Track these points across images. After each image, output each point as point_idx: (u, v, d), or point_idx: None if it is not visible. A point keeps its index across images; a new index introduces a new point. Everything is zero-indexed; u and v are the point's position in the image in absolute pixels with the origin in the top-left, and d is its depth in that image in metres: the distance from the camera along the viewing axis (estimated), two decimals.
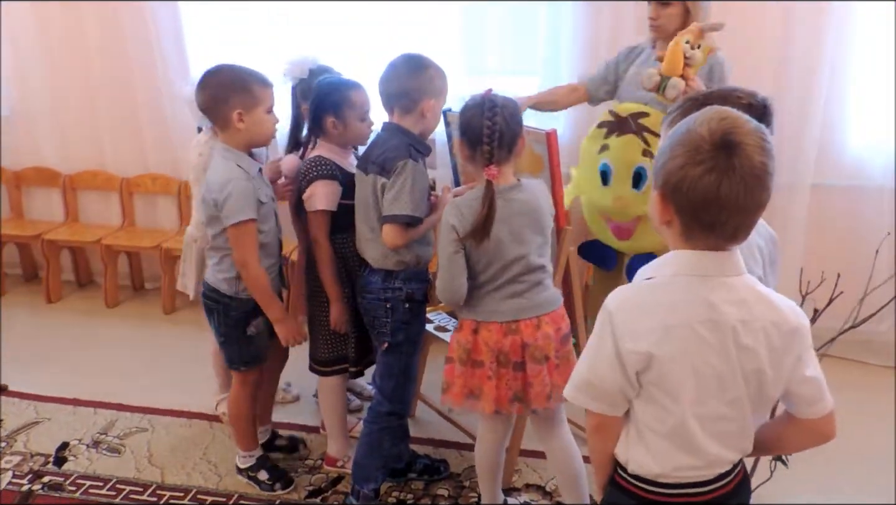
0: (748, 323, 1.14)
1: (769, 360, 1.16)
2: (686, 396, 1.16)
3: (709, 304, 1.13)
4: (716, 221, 1.10)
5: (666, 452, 1.21)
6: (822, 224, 3.08)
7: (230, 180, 1.98)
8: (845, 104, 2.96)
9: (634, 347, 1.15)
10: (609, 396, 1.21)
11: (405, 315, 2.09)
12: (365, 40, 3.24)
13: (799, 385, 1.20)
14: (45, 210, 3.96)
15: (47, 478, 2.44)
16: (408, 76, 2.00)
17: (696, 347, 1.14)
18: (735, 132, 1.08)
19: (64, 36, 3.58)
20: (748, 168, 1.07)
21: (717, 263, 1.15)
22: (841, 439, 2.63)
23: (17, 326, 3.54)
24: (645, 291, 1.19)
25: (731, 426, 1.20)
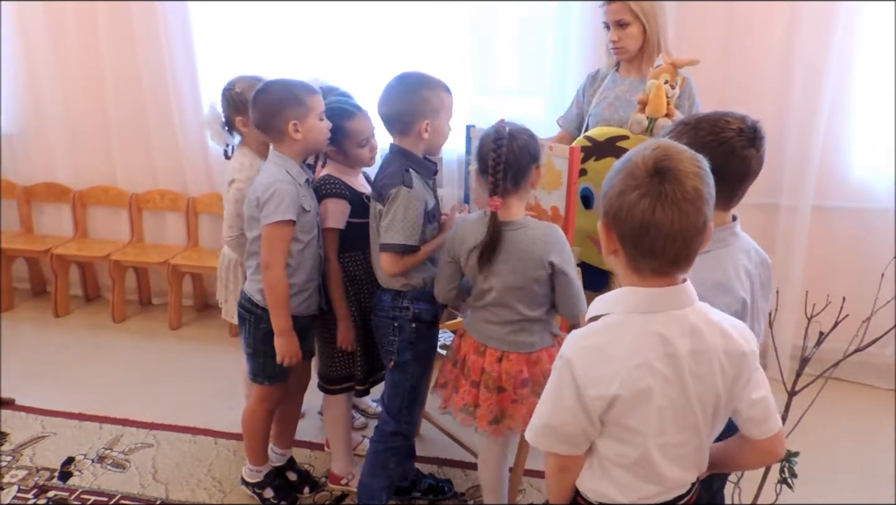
0: (701, 352, 1.17)
1: (723, 385, 1.19)
2: (649, 431, 1.18)
3: (663, 339, 1.15)
4: (654, 247, 1.12)
5: (631, 484, 1.23)
6: (825, 246, 3.08)
7: (276, 181, 2.01)
8: (848, 126, 2.98)
9: (598, 392, 1.15)
10: (572, 438, 1.22)
11: (411, 335, 2.09)
12: (373, 58, 3.28)
13: (748, 407, 1.23)
14: (55, 225, 4.00)
15: (52, 493, 2.45)
16: (399, 99, 2.00)
17: (656, 383, 1.16)
18: (667, 159, 1.11)
19: (77, 54, 3.63)
20: (680, 193, 1.09)
21: (668, 297, 1.17)
22: (846, 461, 2.65)
23: (25, 340, 3.56)
24: (601, 335, 1.19)
25: (689, 449, 1.24)
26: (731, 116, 1.46)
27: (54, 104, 3.73)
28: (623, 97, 2.46)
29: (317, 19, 3.31)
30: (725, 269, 1.46)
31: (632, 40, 2.39)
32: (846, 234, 3.08)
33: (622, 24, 2.38)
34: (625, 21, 2.37)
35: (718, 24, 2.95)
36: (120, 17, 3.50)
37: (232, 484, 2.48)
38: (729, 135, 1.42)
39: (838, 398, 2.75)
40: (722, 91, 2.97)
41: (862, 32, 2.85)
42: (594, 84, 2.60)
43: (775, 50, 2.93)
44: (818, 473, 2.39)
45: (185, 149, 3.63)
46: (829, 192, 3.04)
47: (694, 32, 2.96)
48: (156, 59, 3.50)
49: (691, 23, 2.96)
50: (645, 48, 2.41)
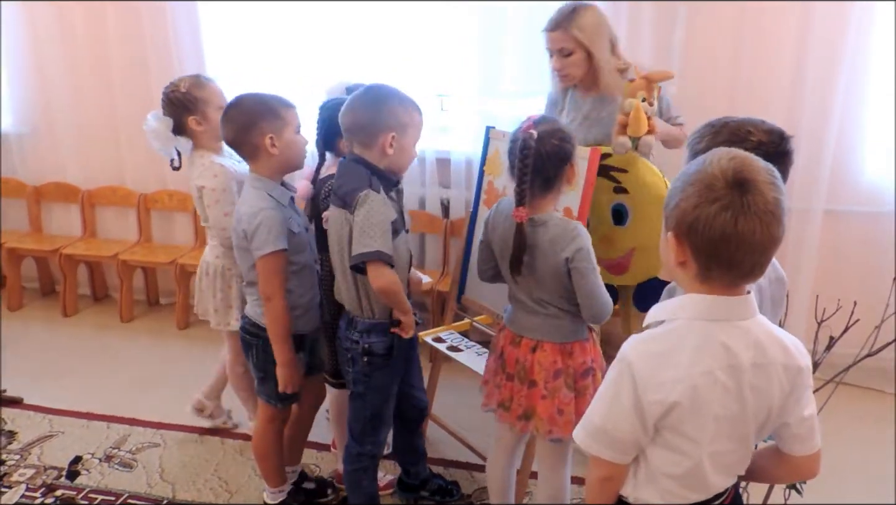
0: (763, 366, 1.16)
1: (778, 399, 1.19)
2: (704, 440, 1.17)
3: (727, 349, 1.14)
4: (733, 260, 1.10)
5: (676, 492, 1.23)
6: (837, 250, 3.07)
7: (260, 210, 1.93)
8: (860, 129, 2.96)
9: (657, 397, 1.13)
10: (623, 444, 1.20)
11: (364, 368, 2.00)
12: (380, 59, 3.27)
13: (798, 424, 1.22)
14: (64, 225, 4.01)
15: (60, 491, 2.46)
16: (365, 108, 1.88)
17: (717, 393, 1.15)
18: (746, 169, 1.09)
19: (86, 55, 3.65)
20: (762, 204, 1.08)
21: (733, 307, 1.16)
22: (856, 467, 2.62)
23: (34, 340, 3.58)
24: (664, 340, 1.17)
25: (736, 458, 1.24)
26: (756, 127, 1.44)
27: (63, 105, 3.75)
28: (591, 116, 2.45)
29: (324, 20, 3.31)
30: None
31: (576, 67, 2.37)
32: (857, 238, 3.06)
33: (565, 52, 2.35)
34: (567, 49, 2.34)
35: (729, 25, 2.94)
36: (129, 17, 3.51)
37: (238, 484, 2.48)
38: (746, 146, 1.38)
39: (848, 403, 2.72)
40: (732, 93, 2.95)
41: (875, 34, 2.83)
42: (556, 106, 2.57)
43: (787, 52, 2.91)
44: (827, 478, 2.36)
45: None
46: (841, 195, 3.02)
47: (704, 34, 2.95)
48: (165, 59, 3.51)
49: (702, 24, 2.95)
50: (590, 72, 2.38)
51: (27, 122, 3.87)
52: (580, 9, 2.34)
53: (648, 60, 2.94)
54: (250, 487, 2.48)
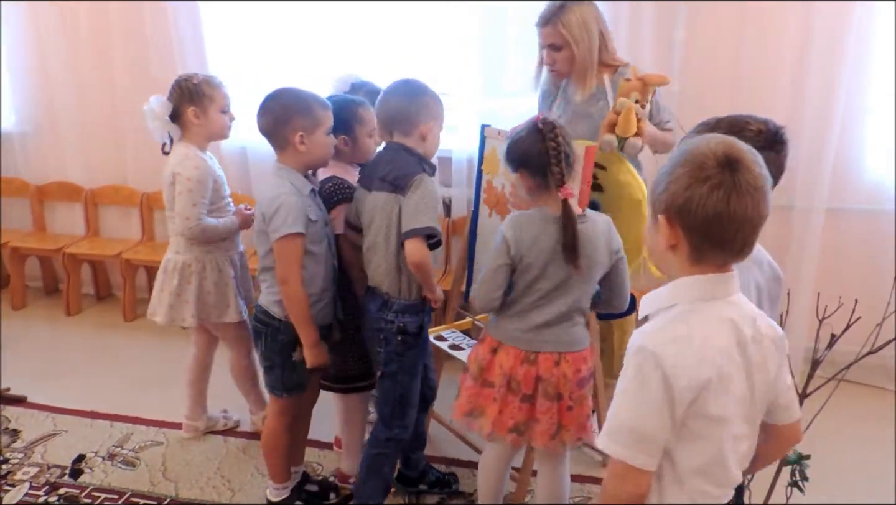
0: (758, 340, 1.18)
1: (773, 373, 1.21)
2: (727, 421, 1.16)
3: (735, 325, 1.16)
4: (725, 238, 1.12)
5: (702, 491, 1.20)
6: (839, 248, 3.07)
7: (280, 194, 1.98)
8: (862, 127, 2.96)
9: (688, 382, 1.11)
10: (654, 445, 1.15)
11: (398, 347, 2.07)
12: (382, 58, 3.28)
13: (784, 393, 1.25)
14: (67, 224, 4.02)
15: (63, 490, 2.46)
16: (406, 99, 2.02)
17: (735, 370, 1.15)
18: (734, 149, 1.12)
19: (89, 54, 3.66)
20: (752, 181, 1.10)
21: (724, 283, 1.17)
22: (858, 465, 2.62)
23: (37, 339, 3.59)
24: (675, 325, 1.16)
25: (747, 445, 1.23)
26: (753, 119, 1.45)
27: (66, 104, 3.76)
28: (581, 111, 2.45)
29: (325, 20, 3.32)
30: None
31: (565, 62, 2.40)
32: (859, 236, 3.05)
33: (555, 47, 2.38)
34: (557, 44, 2.37)
35: (730, 24, 2.94)
36: (131, 17, 3.52)
37: (241, 483, 2.49)
38: (746, 135, 1.40)
39: (850, 401, 2.72)
40: (734, 92, 2.95)
41: (875, 33, 2.83)
42: (548, 99, 2.60)
43: (788, 51, 2.91)
44: (829, 476, 2.37)
45: None
46: (843, 194, 3.02)
47: (705, 33, 2.95)
48: (167, 59, 3.51)
49: (702, 23, 2.94)
50: (577, 68, 2.40)
51: (30, 121, 3.88)
52: (569, 5, 2.36)
53: (649, 60, 2.94)
54: (253, 485, 2.49)
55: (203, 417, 2.77)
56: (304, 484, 2.41)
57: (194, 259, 2.47)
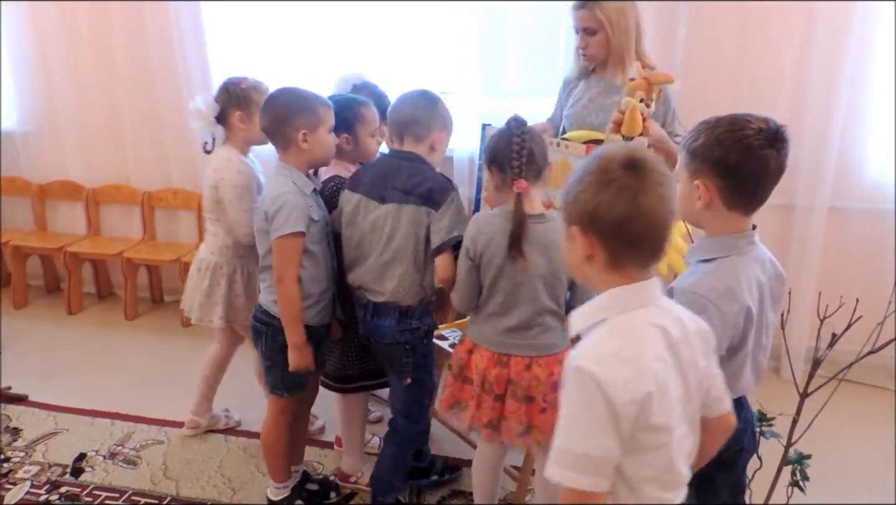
0: (685, 338, 1.19)
1: (703, 366, 1.22)
2: (673, 424, 1.16)
3: (663, 330, 1.16)
4: (637, 239, 1.14)
5: (657, 497, 1.19)
6: (840, 247, 3.06)
7: (284, 192, 1.99)
8: (865, 126, 2.95)
9: (630, 396, 1.09)
10: (607, 466, 1.12)
11: (424, 349, 2.10)
12: (382, 58, 3.27)
13: (714, 386, 1.25)
14: (69, 223, 4.03)
15: (64, 488, 2.47)
16: (422, 106, 2.04)
17: (670, 374, 1.15)
18: (636, 152, 1.15)
19: (90, 53, 3.65)
20: (656, 179, 1.12)
21: (649, 290, 1.18)
22: (858, 464, 2.61)
23: (39, 337, 3.59)
24: (611, 339, 1.15)
25: (690, 442, 1.23)
26: (754, 118, 1.43)
27: (68, 103, 3.76)
28: (596, 100, 2.44)
29: (326, 19, 3.32)
30: (738, 276, 1.45)
31: (599, 47, 2.38)
32: (861, 235, 3.05)
33: (590, 31, 2.36)
34: (592, 28, 2.35)
35: (733, 23, 2.93)
36: (133, 16, 3.52)
37: (241, 482, 2.49)
38: (747, 133, 1.40)
39: (851, 400, 2.71)
40: (736, 92, 2.94)
41: (878, 32, 2.82)
42: (568, 86, 2.59)
43: (790, 49, 2.91)
44: (830, 476, 2.36)
45: (197, 147, 3.60)
46: (845, 193, 3.01)
47: (707, 32, 2.95)
48: (168, 58, 3.52)
49: (705, 22, 2.94)
50: (611, 55, 2.39)
51: (32, 120, 3.88)
52: None
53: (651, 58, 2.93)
54: (253, 484, 2.49)
55: (207, 414, 2.77)
56: (304, 483, 2.41)
57: (226, 262, 2.46)
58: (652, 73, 2.15)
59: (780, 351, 3.10)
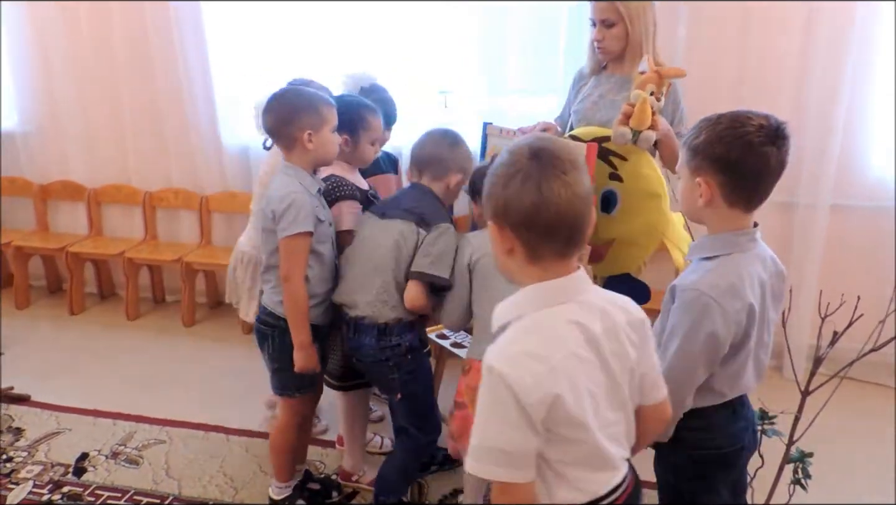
0: (612, 329, 1.19)
1: (634, 355, 1.22)
2: (590, 419, 1.16)
3: (581, 326, 1.16)
4: (549, 228, 1.14)
5: (587, 478, 1.21)
6: (842, 245, 3.05)
7: (291, 192, 1.98)
8: (867, 123, 2.95)
9: (538, 397, 1.10)
10: (526, 459, 1.14)
11: (410, 365, 2.07)
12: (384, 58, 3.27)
13: (649, 373, 1.27)
14: (70, 223, 4.03)
15: (67, 488, 2.47)
16: (444, 146, 2.09)
17: (585, 371, 1.16)
18: (542, 142, 1.17)
19: (91, 54, 3.65)
20: (560, 166, 1.13)
21: (571, 285, 1.19)
22: (862, 462, 2.61)
23: (41, 338, 3.60)
24: (520, 339, 1.16)
25: (621, 427, 1.25)
26: (754, 115, 1.42)
27: (69, 103, 3.76)
28: (607, 97, 2.44)
29: (326, 18, 3.32)
30: (740, 273, 1.45)
31: (616, 40, 2.36)
32: (863, 232, 3.04)
33: (607, 24, 2.34)
34: (610, 20, 2.33)
35: (734, 20, 2.92)
36: (133, 16, 3.52)
37: (244, 481, 2.50)
38: (748, 129, 1.39)
39: (853, 398, 2.72)
40: (738, 89, 2.94)
41: (879, 30, 2.81)
42: (579, 82, 2.58)
43: (792, 47, 2.90)
44: (832, 474, 2.36)
45: (198, 147, 3.65)
46: (847, 190, 3.01)
47: (708, 30, 2.94)
48: (169, 58, 3.52)
49: (706, 21, 2.93)
50: (628, 49, 2.38)
51: (33, 120, 3.88)
52: None
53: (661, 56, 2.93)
54: (255, 483, 2.49)
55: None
56: (306, 482, 2.41)
57: None
58: (663, 67, 2.15)
59: (782, 349, 3.10)
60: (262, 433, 2.74)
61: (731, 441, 1.59)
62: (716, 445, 1.57)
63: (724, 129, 1.41)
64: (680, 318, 1.45)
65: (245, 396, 2.96)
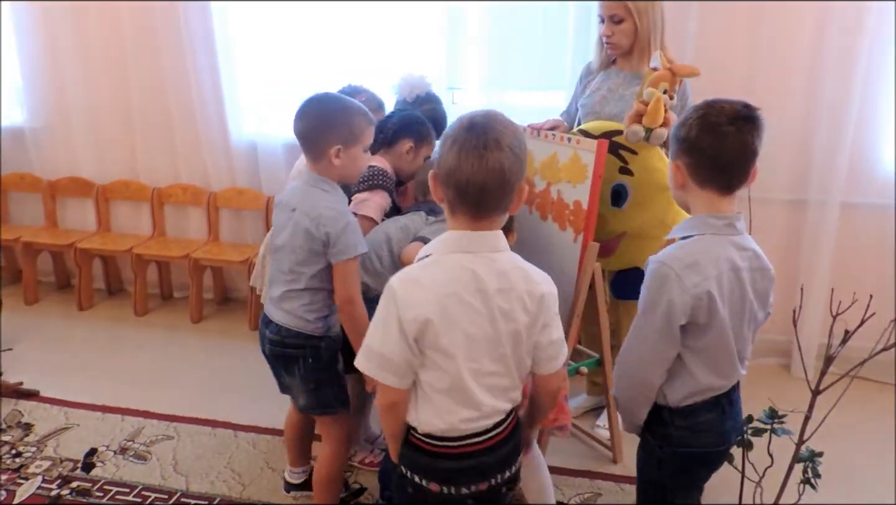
0: (507, 291, 1.35)
1: (525, 322, 1.37)
2: (459, 355, 1.35)
3: (475, 275, 1.33)
4: (460, 189, 1.31)
5: (449, 408, 1.38)
6: (853, 243, 3.03)
7: (343, 213, 1.89)
8: (878, 120, 2.92)
9: (413, 315, 1.32)
10: (399, 367, 1.36)
11: None
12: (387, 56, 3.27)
13: (547, 346, 1.42)
14: (79, 219, 4.04)
15: (76, 483, 2.48)
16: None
17: (466, 313, 1.34)
18: (483, 117, 1.32)
19: (100, 50, 3.66)
20: (482, 142, 1.28)
21: (481, 240, 1.35)
22: (872, 462, 2.59)
23: (50, 333, 3.61)
24: (422, 269, 1.38)
25: (502, 381, 1.41)
26: (728, 101, 1.49)
27: (77, 100, 3.77)
28: (616, 91, 2.44)
29: (335, 15, 3.31)
30: (707, 252, 1.48)
31: (624, 36, 2.38)
32: (874, 230, 3.02)
33: (616, 20, 2.37)
34: (619, 17, 2.36)
35: (744, 18, 2.89)
36: (142, 13, 3.52)
37: (251, 477, 2.50)
38: (710, 112, 1.48)
39: (864, 397, 2.70)
40: (749, 84, 2.91)
41: (892, 28, 2.78)
42: (586, 77, 2.59)
43: (804, 43, 2.87)
44: (842, 474, 2.35)
45: (206, 144, 3.65)
46: (858, 188, 2.98)
47: (719, 26, 2.91)
48: (177, 54, 3.52)
49: (716, 17, 2.90)
50: (636, 45, 2.39)
51: (42, 117, 3.89)
52: None
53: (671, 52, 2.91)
54: (263, 479, 2.49)
55: None
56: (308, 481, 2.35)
57: None
58: (677, 64, 2.14)
59: (792, 347, 3.09)
60: (270, 429, 2.75)
61: (718, 441, 1.62)
62: (703, 443, 1.60)
63: (690, 113, 1.52)
64: (644, 288, 1.54)
65: (252, 392, 2.96)
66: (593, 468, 2.53)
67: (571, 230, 2.28)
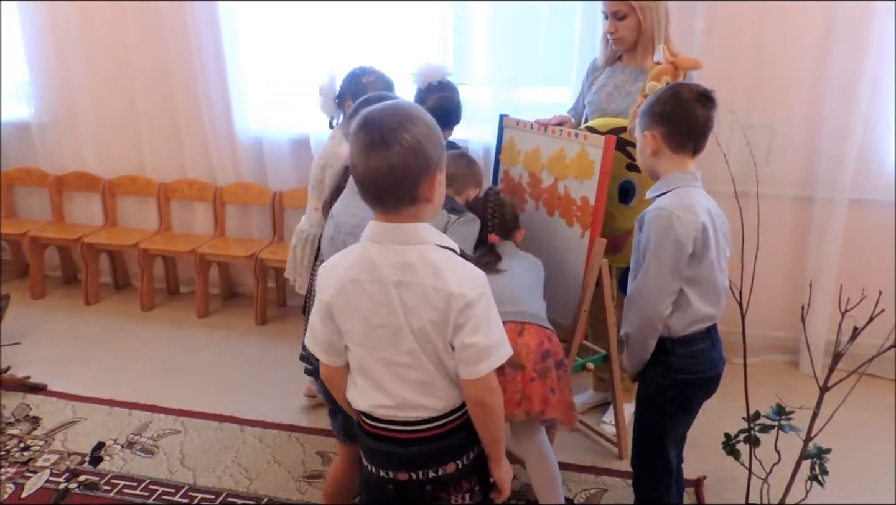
0: (409, 285, 1.33)
1: (431, 319, 1.33)
2: (360, 341, 1.39)
3: (375, 265, 1.34)
4: (360, 183, 1.33)
5: (365, 390, 1.43)
6: (861, 240, 3.02)
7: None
8: (885, 117, 2.90)
9: (322, 297, 1.40)
10: (321, 344, 1.44)
11: None
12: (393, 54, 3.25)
13: (461, 349, 1.35)
14: (86, 214, 4.05)
15: (83, 477, 2.49)
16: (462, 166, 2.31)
17: (365, 300, 1.36)
18: (377, 112, 1.31)
19: (106, 45, 3.67)
20: (372, 140, 1.28)
21: (390, 232, 1.35)
22: (880, 459, 2.58)
23: (57, 327, 3.63)
24: (341, 255, 1.43)
25: (416, 374, 1.38)
26: (693, 84, 1.84)
27: (85, 95, 3.78)
28: (622, 87, 2.45)
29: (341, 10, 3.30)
30: (692, 198, 1.75)
31: (628, 32, 2.40)
32: (882, 227, 3.00)
33: (619, 16, 2.38)
34: (622, 13, 2.37)
35: (751, 15, 2.87)
36: (148, 8, 3.53)
37: (258, 471, 2.51)
38: (680, 90, 1.78)
39: (872, 394, 2.69)
40: (755, 80, 2.90)
41: None
42: (592, 73, 2.60)
43: (811, 40, 2.85)
44: (848, 470, 2.34)
45: (213, 139, 3.66)
46: (866, 185, 2.97)
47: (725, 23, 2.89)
48: (184, 49, 3.52)
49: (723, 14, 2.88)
50: (640, 40, 2.40)
51: (49, 112, 3.90)
52: None
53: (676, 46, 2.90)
54: (269, 474, 2.50)
55: None
56: None
57: None
58: (680, 58, 2.13)
59: (800, 344, 3.08)
60: (276, 424, 2.75)
61: (710, 367, 1.86)
62: (699, 369, 1.84)
63: (662, 92, 1.79)
64: (650, 235, 1.74)
65: (258, 386, 2.97)
66: (599, 464, 2.53)
67: (579, 226, 2.28)
